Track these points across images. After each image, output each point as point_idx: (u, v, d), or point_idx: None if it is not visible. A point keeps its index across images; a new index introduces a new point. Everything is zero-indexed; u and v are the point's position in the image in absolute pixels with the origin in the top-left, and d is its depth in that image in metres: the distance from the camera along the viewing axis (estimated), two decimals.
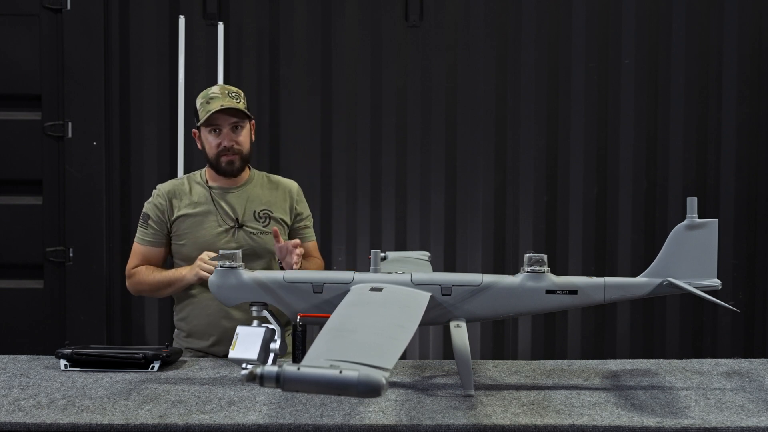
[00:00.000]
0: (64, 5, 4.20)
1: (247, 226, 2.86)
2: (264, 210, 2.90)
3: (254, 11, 4.29)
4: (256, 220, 2.88)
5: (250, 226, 2.86)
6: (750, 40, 4.30)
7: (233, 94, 2.88)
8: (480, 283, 2.33)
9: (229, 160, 2.87)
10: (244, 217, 2.87)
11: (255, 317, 2.40)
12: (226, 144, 2.86)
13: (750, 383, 2.37)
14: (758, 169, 4.32)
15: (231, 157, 2.87)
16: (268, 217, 2.89)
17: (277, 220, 2.90)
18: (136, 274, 2.90)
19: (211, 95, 2.87)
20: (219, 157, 2.87)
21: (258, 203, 2.90)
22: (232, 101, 2.85)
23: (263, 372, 1.60)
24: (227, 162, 2.87)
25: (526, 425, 1.98)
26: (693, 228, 2.32)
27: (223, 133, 2.86)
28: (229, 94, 2.87)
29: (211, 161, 2.89)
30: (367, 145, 4.31)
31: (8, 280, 4.23)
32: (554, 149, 4.32)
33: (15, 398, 2.20)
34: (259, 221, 2.88)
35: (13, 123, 4.21)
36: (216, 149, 2.87)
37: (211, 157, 2.88)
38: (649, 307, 4.32)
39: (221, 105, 2.82)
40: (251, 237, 2.85)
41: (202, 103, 2.88)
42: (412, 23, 4.30)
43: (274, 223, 2.89)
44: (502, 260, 4.32)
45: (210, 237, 2.83)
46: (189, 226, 2.86)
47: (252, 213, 2.88)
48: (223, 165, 2.87)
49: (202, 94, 2.91)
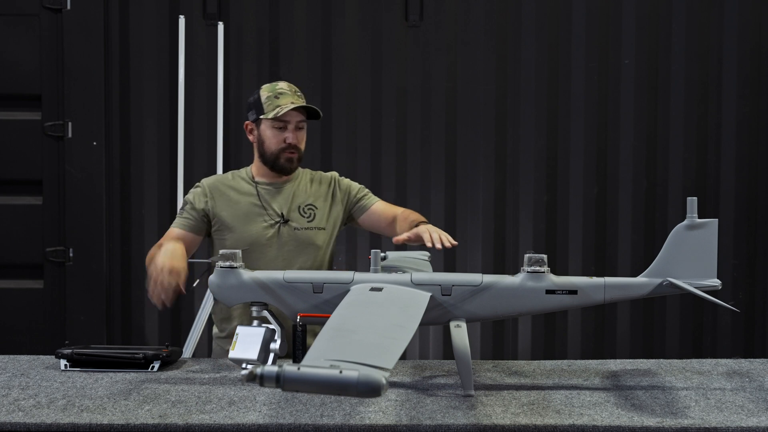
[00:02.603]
0: (64, 5, 4.20)
1: (292, 221, 2.86)
2: (309, 205, 2.90)
3: (254, 11, 4.29)
4: (301, 215, 2.87)
5: (295, 221, 2.86)
6: (750, 40, 4.30)
7: (299, 93, 2.89)
8: (480, 283, 2.33)
9: (289, 157, 2.86)
10: (289, 213, 2.87)
11: (255, 317, 2.41)
12: (291, 141, 2.85)
13: (750, 383, 2.36)
14: (758, 169, 4.32)
15: (292, 154, 2.86)
16: (312, 212, 2.89)
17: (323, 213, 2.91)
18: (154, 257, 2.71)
19: (279, 90, 2.85)
20: (281, 153, 2.85)
21: (303, 198, 2.90)
22: (300, 100, 2.86)
23: (263, 372, 1.60)
24: (287, 159, 2.86)
25: (526, 425, 1.98)
26: (693, 228, 2.32)
27: (288, 129, 2.85)
28: (296, 92, 2.88)
29: (269, 156, 2.87)
30: (367, 145, 4.31)
31: (8, 280, 4.24)
32: (554, 149, 4.32)
33: (15, 398, 2.20)
34: (304, 216, 2.88)
35: (13, 123, 4.22)
36: (279, 145, 2.85)
37: (272, 151, 2.86)
38: (649, 307, 4.32)
39: (292, 102, 2.83)
40: (296, 232, 2.85)
41: (269, 97, 2.85)
42: (412, 23, 4.30)
43: (320, 217, 2.89)
44: (502, 260, 4.32)
45: (255, 233, 2.82)
46: (233, 221, 2.84)
47: (297, 208, 2.88)
48: (283, 161, 2.86)
49: (267, 87, 2.88)
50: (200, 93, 4.26)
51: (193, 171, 4.22)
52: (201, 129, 4.26)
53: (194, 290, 4.17)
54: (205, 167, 4.22)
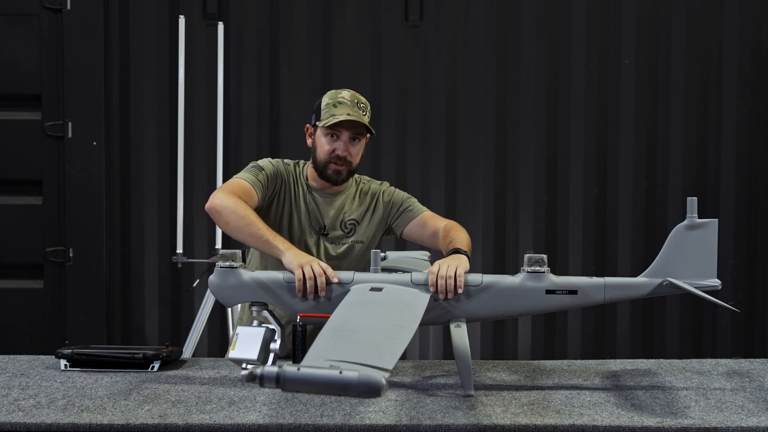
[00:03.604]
0: (64, 5, 4.20)
1: (331, 234, 2.80)
2: (351, 220, 2.82)
3: (254, 11, 4.29)
4: (341, 230, 2.80)
5: (334, 234, 2.80)
6: (750, 40, 4.30)
7: (362, 105, 2.78)
8: (480, 283, 2.33)
9: (337, 169, 2.76)
10: (330, 225, 2.80)
11: (255, 317, 2.40)
12: (340, 153, 2.75)
13: (750, 383, 2.37)
14: (758, 169, 4.32)
15: (340, 167, 2.76)
16: (354, 228, 2.82)
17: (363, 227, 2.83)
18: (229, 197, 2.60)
19: (339, 99, 2.75)
20: (328, 163, 2.76)
21: (348, 213, 2.82)
22: (359, 112, 2.75)
23: (263, 372, 1.60)
24: (335, 171, 2.77)
25: (526, 425, 1.98)
26: (693, 228, 2.32)
27: (340, 140, 2.76)
28: (358, 104, 2.77)
29: (319, 164, 2.79)
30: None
31: (8, 280, 4.24)
32: (554, 149, 4.32)
33: (15, 398, 2.20)
34: (344, 230, 2.81)
35: (13, 123, 4.22)
36: (328, 155, 2.76)
37: (321, 160, 2.78)
38: (649, 307, 4.32)
39: (348, 114, 2.72)
40: (333, 246, 2.79)
41: (328, 104, 2.76)
42: (412, 23, 4.30)
43: (360, 233, 2.81)
44: (502, 260, 4.32)
45: (295, 235, 2.76)
46: (278, 215, 2.77)
47: (339, 222, 2.81)
48: (330, 172, 2.77)
49: (330, 94, 2.79)
50: (200, 93, 4.26)
51: (193, 171, 4.22)
52: (201, 129, 4.26)
53: (194, 290, 4.17)
54: (205, 167, 4.22)
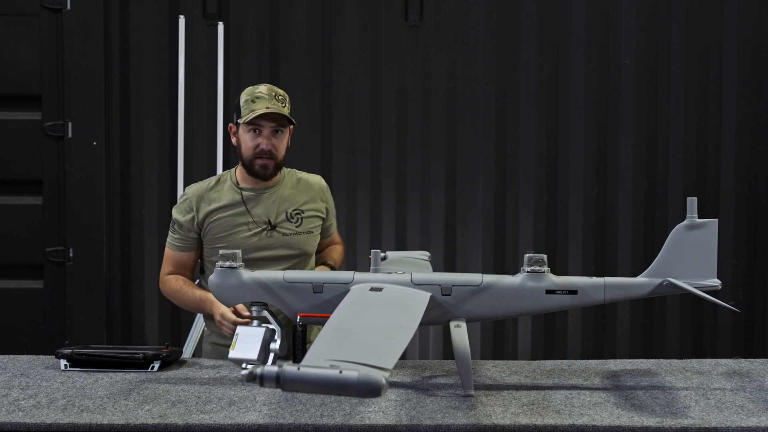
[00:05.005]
0: (64, 5, 4.20)
1: (279, 227, 2.84)
2: (296, 210, 2.87)
3: (254, 11, 4.29)
4: (289, 221, 2.85)
5: (283, 227, 2.84)
6: (750, 40, 4.30)
7: (280, 97, 2.82)
8: (480, 283, 2.33)
9: (263, 163, 2.82)
10: (276, 218, 2.85)
11: (255, 317, 2.41)
12: (264, 147, 2.80)
13: (750, 383, 2.37)
14: (758, 169, 4.32)
15: (266, 161, 2.82)
16: (300, 217, 2.88)
17: (310, 217, 2.90)
18: (167, 282, 2.89)
19: (257, 94, 2.80)
20: (254, 159, 2.82)
21: (290, 203, 2.87)
22: (278, 104, 2.80)
23: (263, 372, 1.60)
24: (261, 165, 2.82)
25: (526, 425, 1.98)
26: (693, 228, 2.32)
27: (262, 135, 2.80)
28: (276, 96, 2.81)
29: (246, 161, 2.84)
30: (367, 145, 4.31)
31: (8, 280, 4.24)
32: (554, 149, 4.32)
33: (15, 398, 2.20)
34: (292, 221, 2.86)
35: (13, 123, 4.22)
36: (253, 150, 2.81)
37: (246, 157, 2.83)
38: (649, 307, 4.32)
39: (267, 107, 2.77)
40: (285, 238, 2.84)
41: (246, 101, 2.80)
42: (412, 23, 4.30)
43: (307, 221, 2.88)
44: (502, 260, 4.32)
45: (242, 240, 2.80)
46: (220, 230, 2.83)
47: (284, 214, 2.85)
48: (257, 168, 2.82)
49: (247, 90, 2.83)
50: (200, 93, 4.26)
51: (193, 171, 4.22)
52: (201, 129, 4.26)
53: None
54: (205, 167, 4.22)
